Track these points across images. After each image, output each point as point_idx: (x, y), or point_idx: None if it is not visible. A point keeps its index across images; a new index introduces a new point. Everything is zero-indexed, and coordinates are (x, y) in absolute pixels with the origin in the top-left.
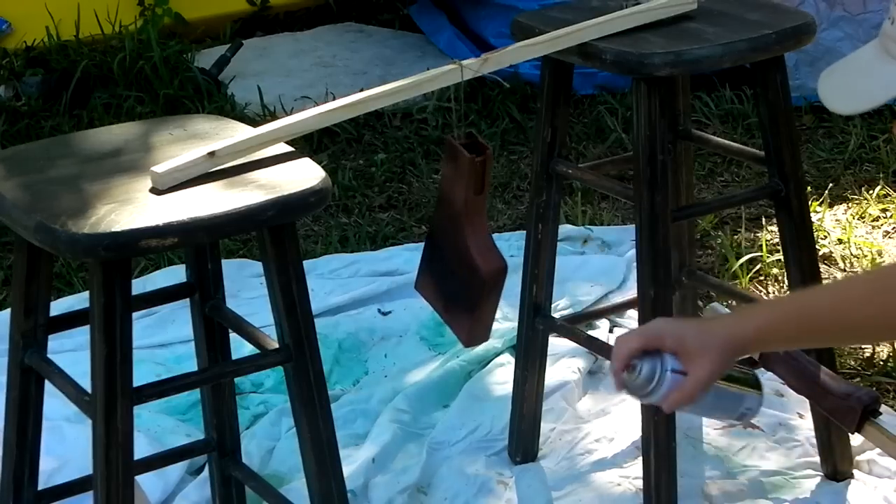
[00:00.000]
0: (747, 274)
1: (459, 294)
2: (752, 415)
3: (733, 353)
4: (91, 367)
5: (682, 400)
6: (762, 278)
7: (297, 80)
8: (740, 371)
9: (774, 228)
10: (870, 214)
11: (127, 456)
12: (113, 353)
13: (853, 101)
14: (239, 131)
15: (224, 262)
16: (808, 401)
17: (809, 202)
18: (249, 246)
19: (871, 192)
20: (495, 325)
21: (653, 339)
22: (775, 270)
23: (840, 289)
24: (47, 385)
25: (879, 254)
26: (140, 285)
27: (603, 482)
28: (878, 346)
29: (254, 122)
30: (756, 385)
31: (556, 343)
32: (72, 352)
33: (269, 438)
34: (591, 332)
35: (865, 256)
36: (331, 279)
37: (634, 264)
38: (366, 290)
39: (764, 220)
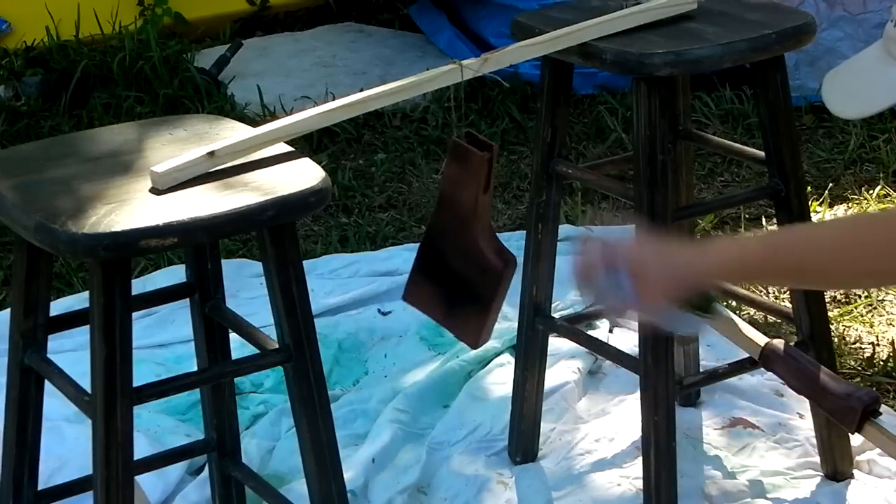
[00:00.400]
0: None
1: (467, 296)
2: (692, 334)
3: (691, 285)
4: (91, 367)
5: (627, 317)
6: None
7: (297, 80)
8: (699, 295)
9: (774, 228)
10: None
11: (127, 456)
12: (113, 353)
13: (857, 106)
14: (239, 131)
15: (224, 262)
16: (808, 401)
17: (809, 202)
18: (249, 246)
19: (871, 192)
20: (495, 325)
21: (615, 257)
22: None
23: (812, 234)
24: (47, 385)
25: None
26: (140, 285)
27: (603, 482)
28: (878, 345)
29: (254, 122)
30: (710, 311)
31: (556, 343)
32: (72, 352)
33: (269, 438)
34: (591, 332)
35: None
36: (331, 279)
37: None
38: (366, 290)
39: (764, 220)
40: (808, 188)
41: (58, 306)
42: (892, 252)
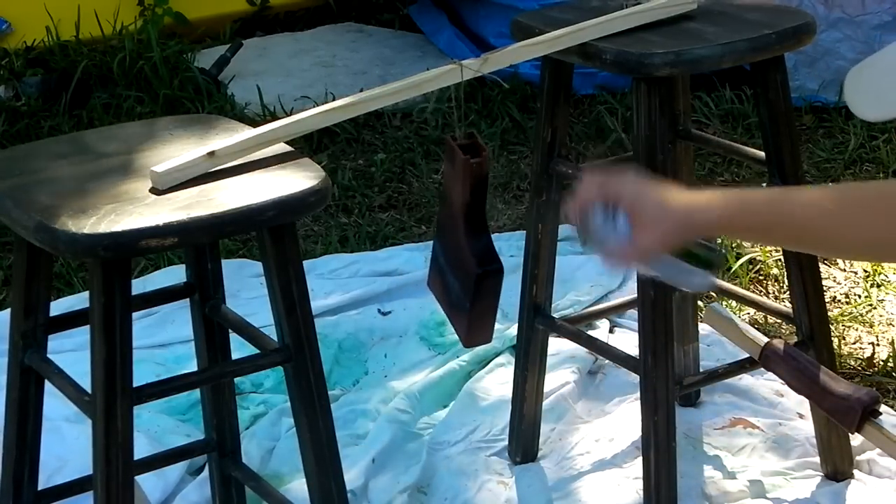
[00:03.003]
0: (747, 274)
1: (459, 294)
2: (696, 289)
3: (688, 232)
4: (91, 367)
5: (620, 262)
6: (762, 278)
7: (297, 80)
8: (700, 246)
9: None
10: None
11: (127, 456)
12: (113, 353)
13: (881, 108)
14: (239, 131)
15: (224, 262)
16: (808, 401)
17: None
18: (249, 246)
19: None
20: (495, 325)
21: (612, 195)
22: (775, 270)
23: (814, 197)
24: (47, 385)
25: None
26: (140, 285)
27: (603, 482)
28: (878, 345)
29: (254, 122)
30: (709, 264)
31: (556, 343)
32: (72, 352)
33: (269, 438)
34: (591, 332)
35: None
36: (331, 279)
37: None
38: (366, 290)
39: None
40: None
41: (58, 306)
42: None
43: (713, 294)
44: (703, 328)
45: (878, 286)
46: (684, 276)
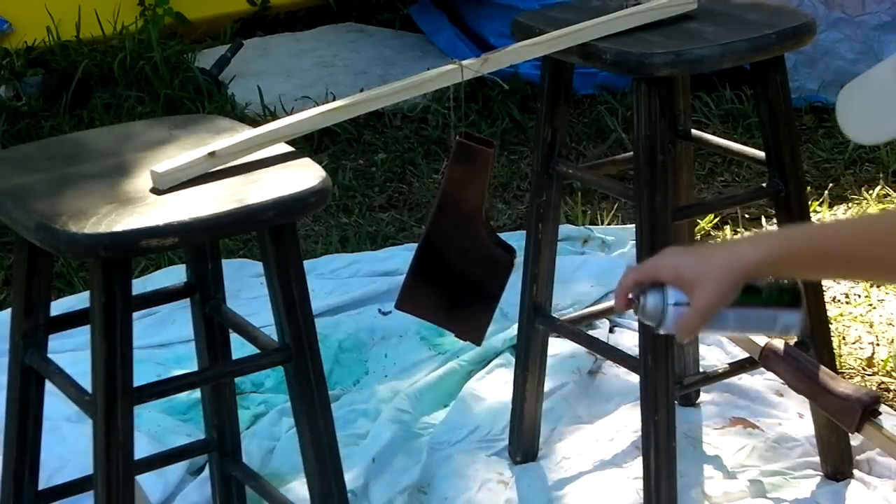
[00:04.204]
0: None
1: (472, 294)
2: (793, 331)
3: (736, 279)
4: (91, 367)
5: (688, 331)
6: None
7: (297, 80)
8: (773, 286)
9: (774, 228)
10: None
11: (127, 456)
12: (113, 353)
13: (873, 131)
14: (239, 131)
15: (224, 262)
16: (808, 401)
17: (809, 202)
18: (249, 246)
19: (871, 192)
20: (495, 325)
21: (649, 272)
22: None
23: (857, 225)
24: (47, 385)
25: None
26: (140, 285)
27: (603, 482)
28: (878, 345)
29: (254, 122)
30: (793, 300)
31: (556, 343)
32: (72, 352)
33: (269, 438)
34: (591, 332)
35: None
36: (331, 279)
37: (634, 264)
38: (366, 290)
39: (764, 220)
40: (808, 188)
41: (58, 306)
42: None
43: None
44: None
45: (878, 286)
46: (767, 322)
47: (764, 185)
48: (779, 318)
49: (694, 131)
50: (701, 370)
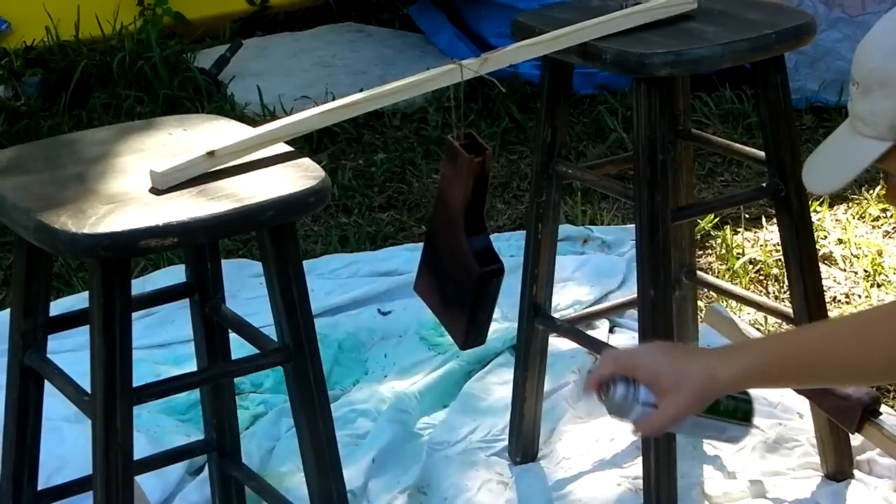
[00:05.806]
0: (747, 274)
1: (457, 296)
2: (736, 441)
3: (708, 394)
4: (91, 367)
5: (650, 432)
6: (762, 278)
7: (297, 80)
8: (731, 401)
9: (774, 228)
10: (870, 214)
11: (126, 456)
12: (113, 353)
13: (829, 181)
14: (239, 131)
15: (224, 262)
16: (808, 401)
17: (809, 202)
18: (249, 246)
19: (871, 191)
20: (495, 325)
21: (628, 368)
22: (775, 270)
23: (825, 331)
24: (47, 385)
25: (879, 254)
26: (140, 285)
27: (603, 482)
28: None
29: (253, 122)
30: (744, 416)
31: (556, 343)
32: (72, 352)
33: (269, 438)
34: (591, 332)
35: (865, 256)
36: (331, 279)
37: (634, 264)
38: (365, 290)
39: (764, 220)
40: None
41: (58, 306)
42: None
43: (713, 294)
44: (703, 328)
45: (878, 286)
46: (718, 431)
47: (764, 185)
48: (728, 430)
49: (694, 131)
50: None
